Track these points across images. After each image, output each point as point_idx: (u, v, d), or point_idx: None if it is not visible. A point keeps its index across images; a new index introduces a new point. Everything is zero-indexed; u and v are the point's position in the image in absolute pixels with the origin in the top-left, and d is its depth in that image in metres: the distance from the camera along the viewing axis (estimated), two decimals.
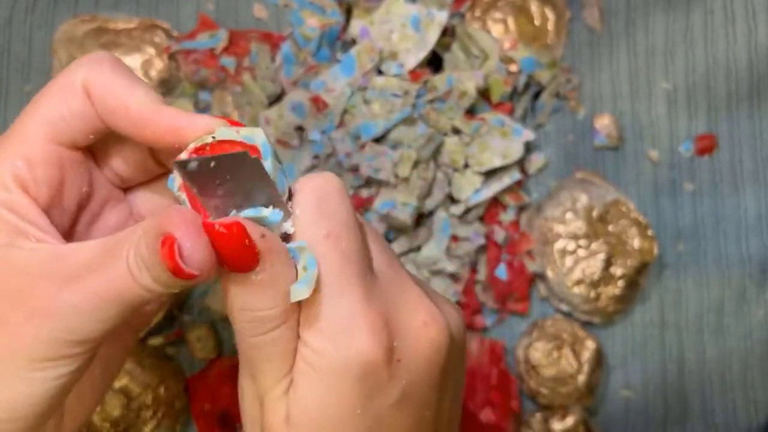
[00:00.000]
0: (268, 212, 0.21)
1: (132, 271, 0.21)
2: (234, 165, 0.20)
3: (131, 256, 0.21)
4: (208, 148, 0.22)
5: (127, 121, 0.23)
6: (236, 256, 0.21)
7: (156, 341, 0.45)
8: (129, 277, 0.21)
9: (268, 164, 0.21)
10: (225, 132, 0.22)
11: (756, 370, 0.47)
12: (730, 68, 0.48)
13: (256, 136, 0.22)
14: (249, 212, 0.21)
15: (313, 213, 0.22)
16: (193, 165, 0.20)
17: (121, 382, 0.42)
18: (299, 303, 0.22)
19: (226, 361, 0.44)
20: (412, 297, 0.24)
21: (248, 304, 0.22)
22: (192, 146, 0.22)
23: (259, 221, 0.21)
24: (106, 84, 0.23)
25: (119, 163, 0.26)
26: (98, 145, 0.25)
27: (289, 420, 0.23)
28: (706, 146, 0.48)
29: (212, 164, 0.20)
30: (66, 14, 0.46)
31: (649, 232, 0.45)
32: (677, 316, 0.47)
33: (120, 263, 0.21)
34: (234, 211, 0.21)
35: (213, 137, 0.22)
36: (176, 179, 0.22)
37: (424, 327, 0.24)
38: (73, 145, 0.24)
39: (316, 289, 0.22)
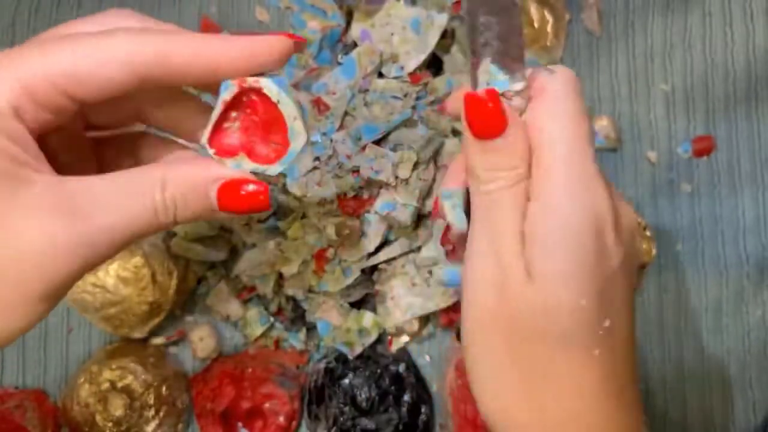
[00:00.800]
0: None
1: (158, 212, 0.24)
2: None
3: (161, 200, 0.24)
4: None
5: (197, 68, 0.24)
6: (490, 122, 0.25)
7: (158, 341, 0.45)
8: (152, 216, 0.24)
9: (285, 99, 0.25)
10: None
11: (754, 370, 0.47)
12: (728, 70, 0.48)
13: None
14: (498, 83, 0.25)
15: (569, 96, 0.26)
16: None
17: (123, 381, 0.42)
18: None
19: (227, 361, 0.45)
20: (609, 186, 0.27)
21: (497, 164, 0.25)
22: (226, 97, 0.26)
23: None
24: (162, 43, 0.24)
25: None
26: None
27: (531, 273, 0.24)
28: (704, 148, 0.48)
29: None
30: (69, 16, 0.47)
31: (648, 233, 0.45)
32: (675, 317, 0.47)
33: (147, 203, 0.24)
34: None
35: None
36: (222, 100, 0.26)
37: (629, 208, 0.28)
38: (82, 101, 0.24)
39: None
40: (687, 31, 0.49)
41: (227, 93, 0.25)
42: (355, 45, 0.46)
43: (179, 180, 0.24)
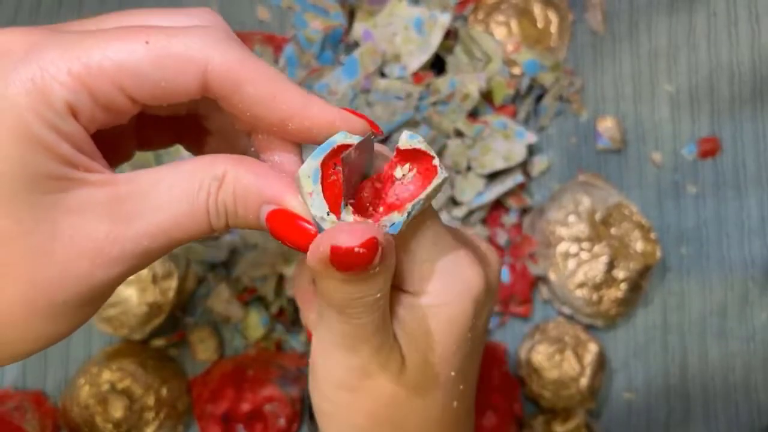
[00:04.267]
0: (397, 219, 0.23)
1: (210, 216, 0.22)
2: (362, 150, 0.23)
3: (213, 204, 0.22)
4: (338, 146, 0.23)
5: (266, 110, 0.22)
6: (364, 265, 0.22)
7: (158, 343, 0.45)
8: (205, 219, 0.22)
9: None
10: (341, 136, 0.23)
11: (759, 373, 0.47)
12: (733, 71, 0.48)
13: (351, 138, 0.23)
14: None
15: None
16: (350, 155, 0.22)
17: (123, 383, 0.42)
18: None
19: (228, 363, 0.44)
20: (470, 239, 0.28)
21: (363, 292, 0.23)
22: (341, 141, 0.22)
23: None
24: (243, 70, 0.21)
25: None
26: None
27: (405, 370, 0.25)
28: (710, 149, 0.48)
29: (353, 154, 0.22)
30: (70, 16, 0.46)
31: (652, 235, 0.45)
32: (680, 319, 0.47)
33: (196, 206, 0.21)
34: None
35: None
36: (307, 181, 0.22)
37: (497, 260, 0.28)
38: (141, 103, 0.22)
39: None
40: (692, 32, 0.48)
41: (342, 139, 0.22)
42: (357, 45, 0.46)
43: (237, 185, 0.22)
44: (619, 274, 0.44)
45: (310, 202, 0.22)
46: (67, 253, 0.21)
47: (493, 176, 0.44)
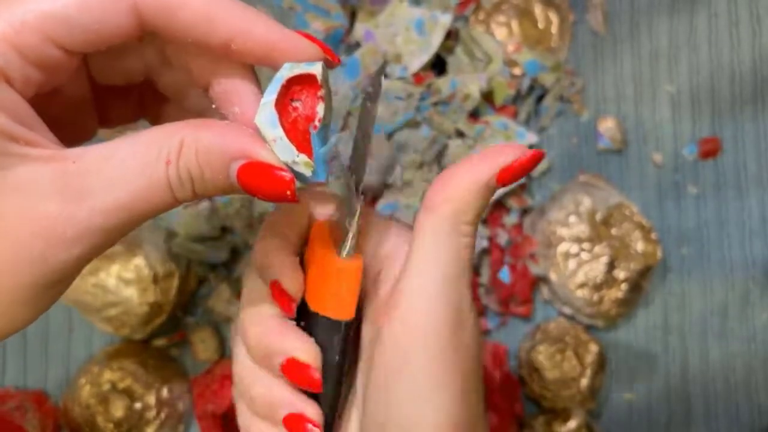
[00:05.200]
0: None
1: (172, 186, 0.20)
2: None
3: (174, 172, 0.20)
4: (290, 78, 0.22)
5: (205, 33, 0.21)
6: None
7: (159, 343, 0.45)
8: (167, 190, 0.20)
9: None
10: (296, 66, 0.22)
11: (759, 374, 0.47)
12: (735, 71, 0.48)
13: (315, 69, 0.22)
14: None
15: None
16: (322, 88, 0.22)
17: (124, 383, 0.42)
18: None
19: (228, 363, 0.44)
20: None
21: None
22: (288, 74, 0.22)
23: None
24: None
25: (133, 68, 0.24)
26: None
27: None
28: (710, 149, 0.48)
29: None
30: None
31: (653, 236, 0.45)
32: (681, 320, 0.47)
33: (155, 177, 0.20)
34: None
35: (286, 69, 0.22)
36: (267, 128, 0.21)
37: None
38: (77, 52, 0.21)
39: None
40: (692, 32, 0.48)
41: (289, 71, 0.22)
42: (358, 45, 0.46)
43: (199, 147, 0.20)
44: (620, 274, 0.44)
45: (275, 148, 0.21)
46: (16, 233, 0.19)
47: None
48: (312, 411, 0.24)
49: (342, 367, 0.25)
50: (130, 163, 0.20)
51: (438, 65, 0.47)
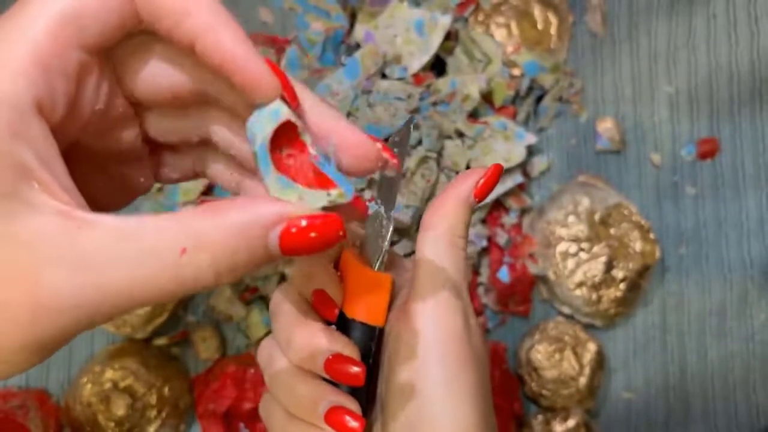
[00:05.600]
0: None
1: (184, 276, 0.19)
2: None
3: (186, 262, 0.18)
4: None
5: (176, 25, 0.20)
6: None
7: (161, 342, 0.45)
8: (174, 279, 0.19)
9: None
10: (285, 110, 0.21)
11: (758, 373, 0.47)
12: (733, 72, 0.48)
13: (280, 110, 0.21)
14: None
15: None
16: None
17: (126, 382, 0.43)
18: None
19: (229, 362, 0.45)
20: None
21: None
22: (265, 134, 0.20)
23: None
24: None
25: (145, 78, 0.22)
26: (119, 52, 0.21)
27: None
28: (708, 150, 0.48)
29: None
30: None
31: (651, 236, 0.45)
32: (679, 319, 0.47)
33: (164, 264, 0.18)
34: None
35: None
36: (265, 136, 0.20)
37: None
38: (95, 49, 0.20)
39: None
40: (691, 34, 0.49)
41: (275, 119, 0.21)
42: (358, 46, 0.46)
43: (219, 236, 0.19)
44: (618, 274, 0.45)
45: (307, 203, 0.20)
46: (6, 293, 0.17)
47: None
48: (352, 405, 0.26)
49: (372, 370, 0.28)
50: (150, 244, 0.18)
51: (438, 66, 0.47)
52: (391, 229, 0.28)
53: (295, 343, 0.26)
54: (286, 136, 0.21)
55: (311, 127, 0.22)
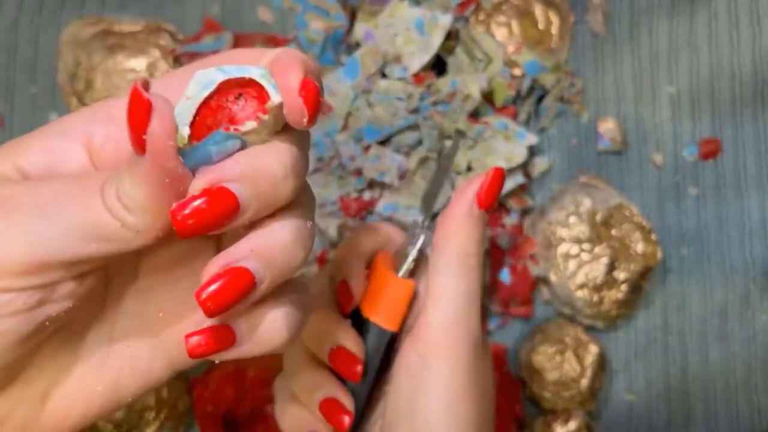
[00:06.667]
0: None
1: (104, 192, 0.19)
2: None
3: (108, 180, 0.19)
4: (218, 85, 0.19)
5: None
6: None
7: None
8: (98, 198, 0.19)
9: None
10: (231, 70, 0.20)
11: (759, 375, 0.47)
12: (734, 72, 0.48)
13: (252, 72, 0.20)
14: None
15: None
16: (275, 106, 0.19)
17: None
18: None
19: (228, 363, 0.44)
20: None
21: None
22: (261, 78, 0.19)
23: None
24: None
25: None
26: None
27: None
28: (710, 150, 0.48)
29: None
30: (72, 16, 0.47)
31: (653, 237, 0.45)
32: (681, 321, 0.47)
33: (92, 183, 0.19)
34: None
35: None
36: (195, 87, 0.19)
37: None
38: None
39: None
40: (693, 33, 0.48)
41: (267, 79, 0.19)
42: (358, 45, 0.46)
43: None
44: (620, 275, 0.44)
45: (180, 103, 0.19)
46: None
47: None
48: (347, 401, 0.27)
49: (378, 372, 0.29)
50: (77, 186, 0.19)
51: (438, 65, 0.47)
52: (422, 238, 0.29)
53: (309, 326, 0.27)
54: (252, 102, 0.20)
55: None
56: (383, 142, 0.43)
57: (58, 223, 0.18)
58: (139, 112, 0.17)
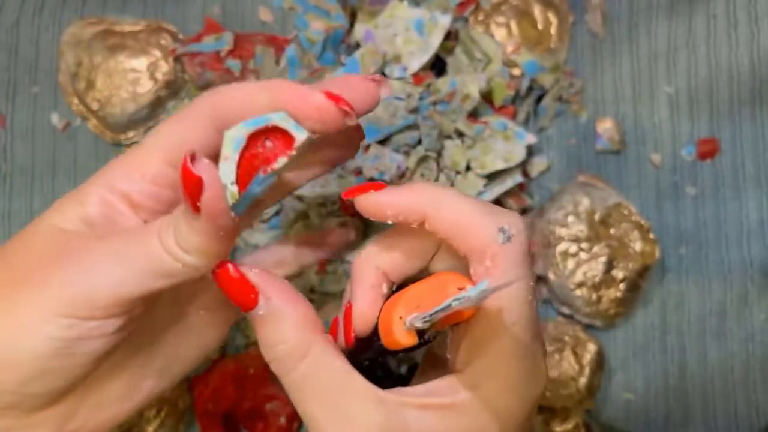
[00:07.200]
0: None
1: (161, 238, 0.23)
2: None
3: (162, 228, 0.23)
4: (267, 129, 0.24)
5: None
6: (236, 294, 0.24)
7: None
8: (158, 244, 0.23)
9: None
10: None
11: (757, 374, 0.47)
12: (733, 72, 0.48)
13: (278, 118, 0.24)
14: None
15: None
16: (302, 146, 0.24)
17: None
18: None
19: (229, 362, 0.45)
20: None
21: (262, 339, 0.25)
22: (271, 122, 0.23)
23: None
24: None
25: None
26: None
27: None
28: (709, 150, 0.48)
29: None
30: (73, 16, 0.47)
31: (651, 236, 0.45)
32: (679, 320, 0.47)
33: (151, 232, 0.23)
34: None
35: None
36: (229, 145, 0.23)
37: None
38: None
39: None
40: (691, 34, 0.49)
41: (285, 121, 0.24)
42: (358, 46, 0.46)
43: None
44: (618, 274, 0.45)
45: (221, 164, 0.23)
46: (46, 268, 0.24)
47: (492, 176, 0.45)
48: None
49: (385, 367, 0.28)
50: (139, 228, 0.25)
51: (437, 66, 0.47)
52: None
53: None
54: (279, 141, 0.24)
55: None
56: (383, 142, 0.44)
57: (130, 267, 0.23)
58: (192, 185, 0.21)
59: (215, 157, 0.23)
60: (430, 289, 0.24)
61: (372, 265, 0.27)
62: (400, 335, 0.24)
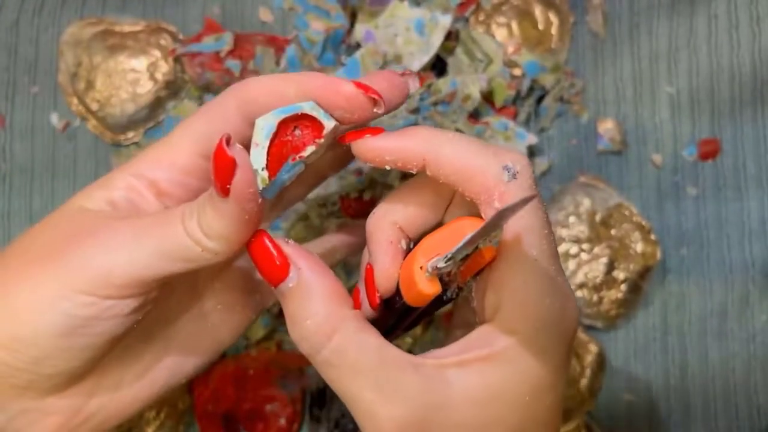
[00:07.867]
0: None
1: (185, 222, 0.23)
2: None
3: (186, 212, 0.23)
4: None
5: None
6: (268, 264, 0.24)
7: None
8: (180, 227, 0.23)
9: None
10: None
11: (759, 375, 0.47)
12: (734, 73, 0.48)
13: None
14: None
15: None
16: (328, 134, 0.24)
17: None
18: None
19: (229, 363, 0.45)
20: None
21: (290, 315, 0.24)
22: (302, 110, 0.24)
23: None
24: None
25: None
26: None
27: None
28: (710, 151, 0.48)
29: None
30: (73, 16, 0.47)
31: (652, 236, 0.45)
32: (680, 321, 0.47)
33: (174, 215, 0.24)
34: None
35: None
36: (260, 132, 0.24)
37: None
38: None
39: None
40: (692, 34, 0.48)
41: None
42: (358, 46, 0.46)
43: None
44: (619, 275, 0.45)
45: (252, 150, 0.23)
46: (68, 245, 0.24)
47: None
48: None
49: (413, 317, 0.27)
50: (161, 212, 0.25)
51: (438, 66, 0.47)
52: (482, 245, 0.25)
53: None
54: (309, 130, 0.25)
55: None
56: None
57: (150, 248, 0.23)
58: (224, 167, 0.21)
59: (243, 147, 0.23)
60: (448, 234, 0.24)
61: (388, 221, 0.26)
62: (422, 285, 0.23)
